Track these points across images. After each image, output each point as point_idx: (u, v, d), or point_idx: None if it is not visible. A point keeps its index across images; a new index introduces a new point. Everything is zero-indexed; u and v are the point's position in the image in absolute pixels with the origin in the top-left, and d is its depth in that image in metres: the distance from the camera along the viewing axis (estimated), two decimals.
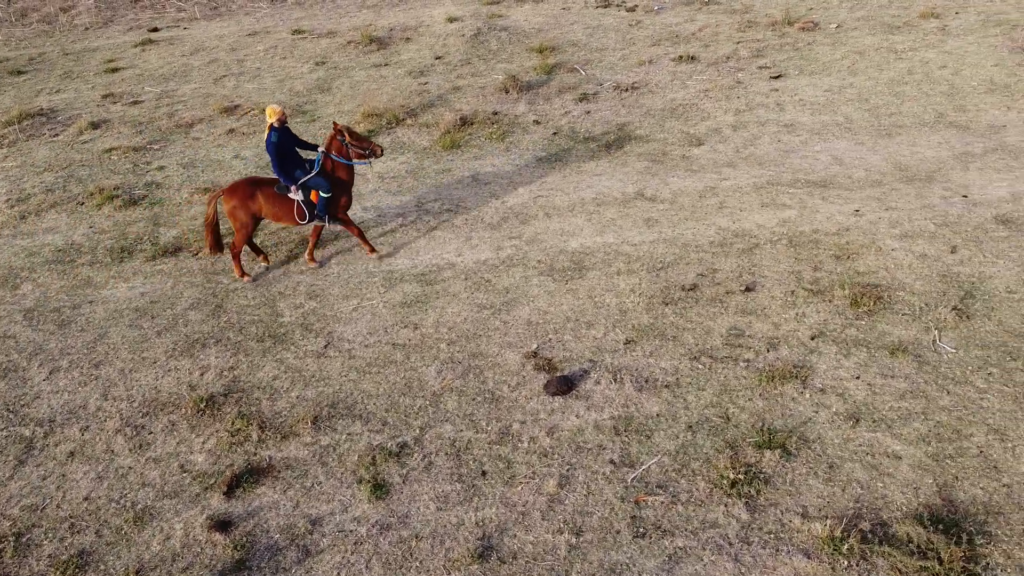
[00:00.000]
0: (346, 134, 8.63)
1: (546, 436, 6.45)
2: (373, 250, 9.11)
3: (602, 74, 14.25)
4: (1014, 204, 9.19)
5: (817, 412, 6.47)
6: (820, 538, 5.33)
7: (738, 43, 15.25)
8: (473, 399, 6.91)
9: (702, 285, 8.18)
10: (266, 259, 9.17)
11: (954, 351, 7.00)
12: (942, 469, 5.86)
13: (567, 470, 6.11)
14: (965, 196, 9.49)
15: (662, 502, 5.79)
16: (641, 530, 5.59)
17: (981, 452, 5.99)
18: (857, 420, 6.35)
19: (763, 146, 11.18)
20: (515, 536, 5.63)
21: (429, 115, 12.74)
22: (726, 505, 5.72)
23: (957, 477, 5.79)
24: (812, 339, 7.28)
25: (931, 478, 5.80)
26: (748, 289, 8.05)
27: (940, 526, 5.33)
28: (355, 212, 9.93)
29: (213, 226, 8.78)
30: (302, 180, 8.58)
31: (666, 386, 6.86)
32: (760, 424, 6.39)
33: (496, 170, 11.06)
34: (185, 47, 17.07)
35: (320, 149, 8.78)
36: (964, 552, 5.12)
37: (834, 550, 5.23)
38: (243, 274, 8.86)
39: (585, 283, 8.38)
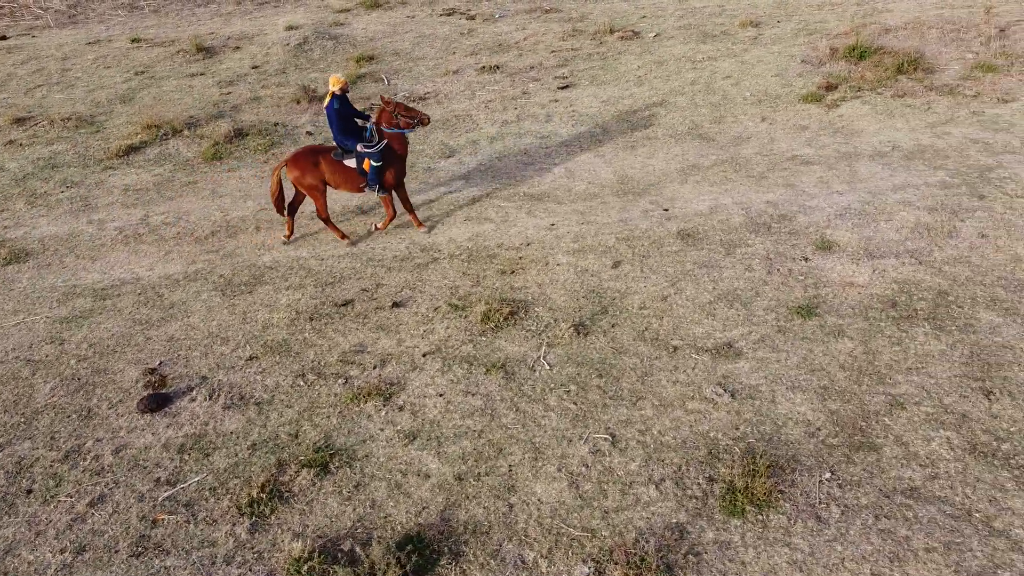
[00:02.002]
0: (392, 105, 8.88)
1: (111, 455, 6.51)
2: (421, 224, 9.46)
3: (404, 84, 14.32)
4: (705, 218, 9.26)
5: (383, 430, 6.54)
6: (291, 558, 5.40)
7: (552, 52, 15.33)
8: (68, 416, 6.98)
9: (359, 300, 8.25)
10: (290, 236, 9.48)
11: (550, 368, 7.08)
12: (460, 488, 5.93)
13: (109, 489, 6.18)
14: (666, 210, 9.57)
15: (178, 521, 5.87)
16: (140, 549, 5.66)
17: (510, 471, 6.07)
18: (414, 438, 6.42)
19: (509, 159, 11.25)
20: (19, 555, 5.70)
21: (211, 126, 12.80)
22: (234, 524, 5.79)
23: (469, 497, 5.86)
24: (424, 356, 7.35)
25: (443, 497, 5.87)
26: (396, 305, 8.12)
27: (409, 547, 5.40)
28: (66, 212, 10.00)
29: (278, 197, 9.10)
30: (358, 147, 8.90)
31: (257, 404, 6.93)
32: (323, 442, 6.46)
33: (240, 183, 11.13)
34: (21, 56, 17.14)
35: (371, 120, 9.07)
36: (406, 572, 5.19)
37: (296, 571, 5.30)
38: (343, 236, 9.27)
39: (251, 298, 8.45)
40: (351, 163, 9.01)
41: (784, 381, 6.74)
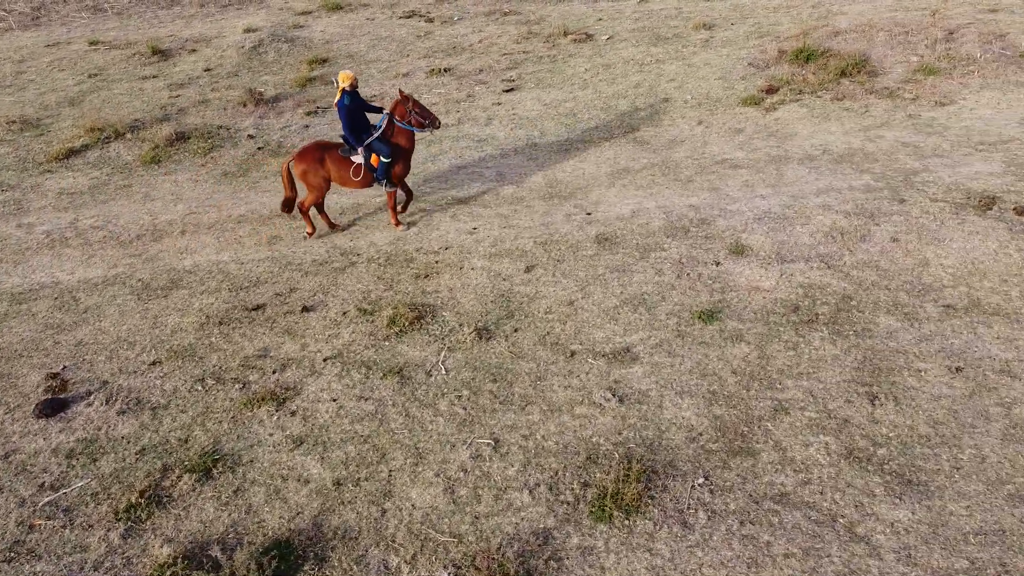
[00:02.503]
0: (410, 101, 8.96)
1: (0, 460, 6.53)
2: (398, 223, 9.56)
3: None
4: (626, 222, 9.28)
5: (272, 435, 6.56)
6: (156, 564, 5.42)
7: (504, 55, 15.35)
8: None
9: (271, 305, 8.27)
10: (323, 227, 9.68)
11: (447, 373, 7.10)
12: (337, 494, 5.95)
13: None
14: (589, 214, 9.59)
15: (55, 526, 5.88)
16: (12, 555, 5.68)
17: (390, 476, 6.08)
18: (301, 443, 6.44)
19: (442, 162, 11.27)
20: None
21: (155, 129, 12.82)
22: (108, 530, 5.80)
23: (345, 502, 5.88)
24: (325, 360, 7.37)
25: (319, 503, 5.89)
26: (306, 309, 8.14)
27: (273, 553, 5.42)
28: None
29: (290, 193, 9.31)
30: (367, 140, 8.98)
31: (152, 408, 6.95)
32: (211, 447, 6.48)
33: (174, 187, 11.14)
34: None
35: (386, 111, 9.11)
36: None
37: None
38: (312, 229, 9.44)
39: (165, 302, 8.46)
40: (358, 159, 9.09)
41: (674, 386, 6.75)
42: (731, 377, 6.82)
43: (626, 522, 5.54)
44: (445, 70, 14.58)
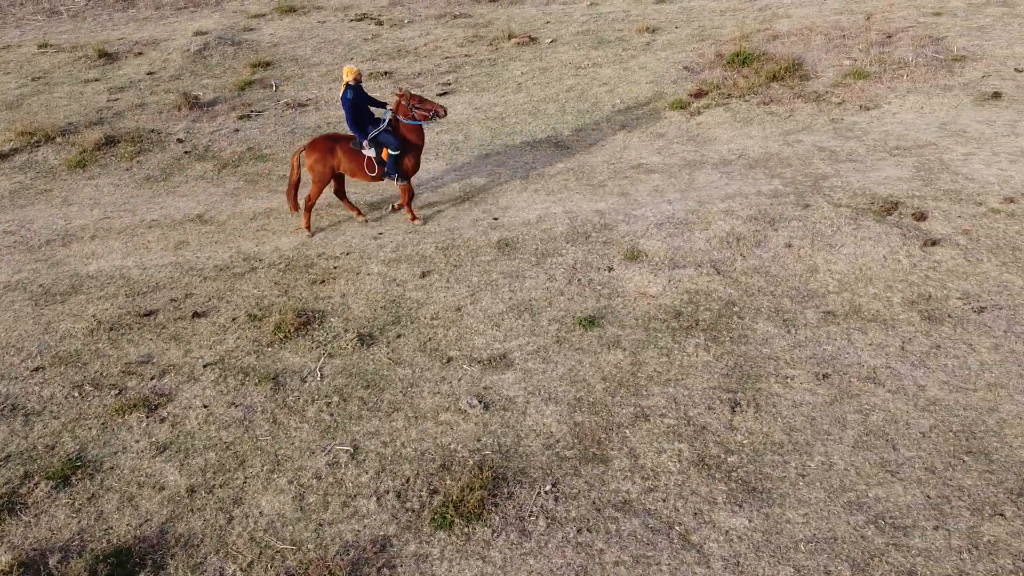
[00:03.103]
0: (408, 97, 9.11)
1: None
2: (415, 218, 9.65)
3: (291, 90, 14.35)
4: (530, 227, 9.30)
5: (138, 442, 6.57)
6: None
7: (447, 58, 15.37)
8: None
9: (163, 311, 8.29)
10: (360, 214, 9.77)
11: (321, 379, 7.12)
12: (189, 501, 5.97)
13: None
14: (496, 219, 9.61)
15: None
16: None
17: (244, 483, 6.11)
18: (164, 450, 6.46)
19: None
20: None
21: (86, 133, 12.82)
22: None
23: (194, 510, 5.90)
24: (205, 367, 7.39)
25: (169, 510, 5.90)
26: (197, 315, 8.16)
27: (111, 560, 5.44)
28: None
29: (295, 185, 9.42)
30: (372, 134, 9.07)
31: (26, 415, 6.97)
32: (76, 454, 6.49)
33: (95, 191, 11.16)
34: None
35: (388, 108, 9.27)
36: None
37: None
38: (309, 227, 9.52)
39: (61, 308, 8.48)
40: (370, 152, 9.20)
41: (542, 393, 6.77)
42: (600, 384, 6.84)
43: (466, 529, 5.56)
44: (385, 73, 14.61)
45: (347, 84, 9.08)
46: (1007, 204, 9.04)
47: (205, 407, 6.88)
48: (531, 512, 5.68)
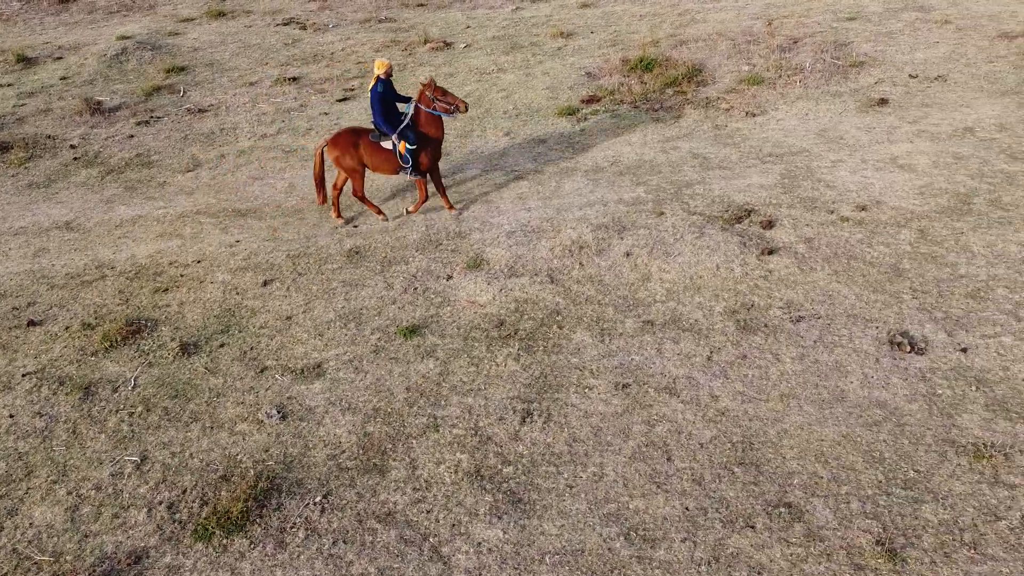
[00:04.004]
0: (432, 88, 9.18)
1: None
2: (452, 206, 9.72)
3: (197, 96, 14.37)
4: (385, 235, 9.32)
5: None
6: None
7: (359, 63, 15.39)
8: None
9: (2, 319, 8.30)
10: (338, 215, 9.78)
11: (133, 389, 7.14)
12: None
13: None
14: (356, 227, 9.63)
15: None
16: None
17: (25, 493, 6.13)
18: None
19: (242, 172, 11.32)
20: None
21: None
22: None
23: None
24: (24, 376, 7.41)
25: None
26: (32, 323, 8.18)
27: None
28: None
29: (320, 178, 9.57)
30: (400, 127, 9.17)
31: None
32: None
33: None
34: None
35: (412, 100, 9.37)
36: None
37: None
38: (380, 212, 9.63)
39: None
40: (388, 145, 9.30)
41: (343, 403, 6.80)
42: (403, 394, 6.87)
43: (224, 541, 5.59)
44: (294, 79, 14.63)
45: (378, 77, 9.18)
46: (858, 212, 9.08)
47: (11, 416, 6.90)
48: (293, 523, 5.71)
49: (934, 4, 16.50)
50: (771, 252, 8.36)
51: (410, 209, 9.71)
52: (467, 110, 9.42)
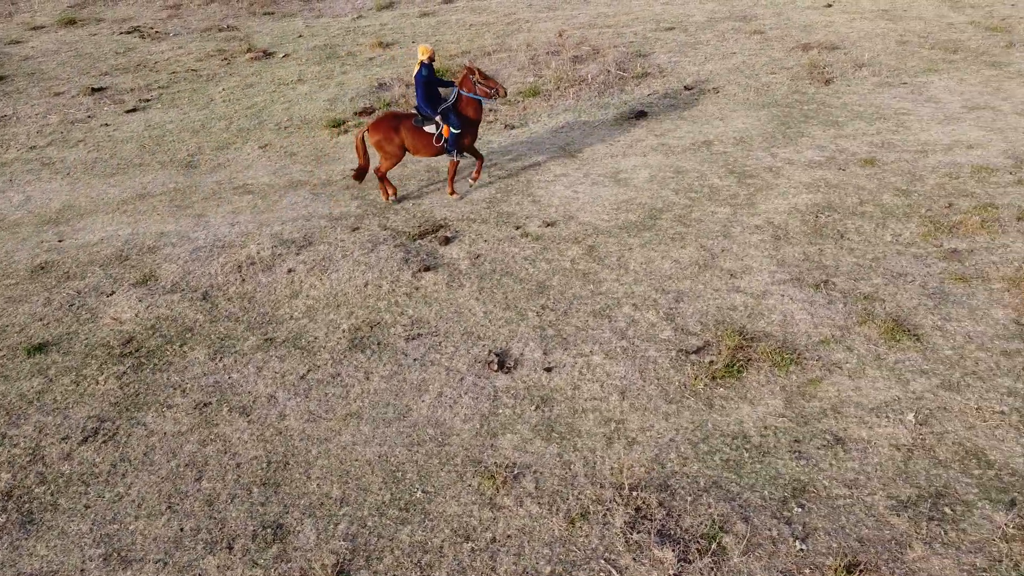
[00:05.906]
0: (475, 72, 9.56)
1: None
2: (453, 192, 10.13)
3: (2, 106, 14.46)
4: (83, 250, 9.41)
5: None
6: None
7: (173, 73, 15.49)
8: None
9: None
10: (395, 193, 10.12)
11: None
12: None
13: None
14: (61, 241, 9.72)
15: None
16: None
17: None
18: None
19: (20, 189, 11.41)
20: None
21: None
22: None
23: None
24: None
25: None
26: None
27: None
28: None
29: (365, 166, 9.94)
30: (441, 108, 9.52)
31: None
32: None
33: None
34: None
35: (454, 85, 9.73)
36: None
37: None
38: (387, 195, 10.01)
39: None
40: (431, 129, 9.61)
41: None
42: None
43: None
44: (97, 89, 14.72)
45: (421, 63, 9.49)
46: (543, 228, 9.19)
47: None
48: None
49: (758, 14, 16.66)
50: (428, 269, 8.46)
51: (472, 180, 10.24)
52: (507, 95, 10.24)
